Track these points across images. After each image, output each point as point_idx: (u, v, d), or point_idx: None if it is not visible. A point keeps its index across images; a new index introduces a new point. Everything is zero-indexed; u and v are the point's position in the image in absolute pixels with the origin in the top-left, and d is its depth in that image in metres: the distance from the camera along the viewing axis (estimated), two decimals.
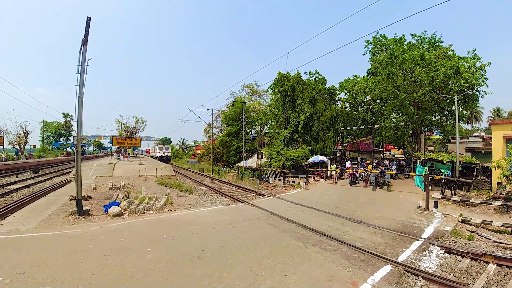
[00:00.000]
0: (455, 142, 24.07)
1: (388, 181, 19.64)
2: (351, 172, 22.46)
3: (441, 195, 14.65)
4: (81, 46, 12.28)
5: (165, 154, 65.19)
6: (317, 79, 35.06)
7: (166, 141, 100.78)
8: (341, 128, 35.21)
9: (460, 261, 7.50)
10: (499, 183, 15.93)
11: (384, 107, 31.04)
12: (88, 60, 12.53)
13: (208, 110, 42.28)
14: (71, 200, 14.27)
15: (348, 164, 26.81)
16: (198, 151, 71.80)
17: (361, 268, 6.61)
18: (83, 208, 12.18)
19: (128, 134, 51.61)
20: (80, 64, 12.32)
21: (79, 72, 12.32)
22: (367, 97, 33.82)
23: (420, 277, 6.24)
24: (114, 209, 12.10)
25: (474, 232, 10.44)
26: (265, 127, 46.81)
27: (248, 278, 6.00)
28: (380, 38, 29.20)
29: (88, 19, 12.10)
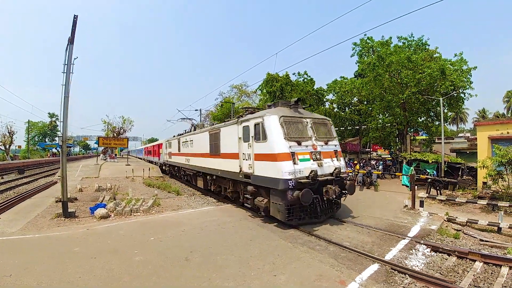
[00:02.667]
0: (440, 143, 24.54)
1: (375, 181, 19.91)
2: None
3: (427, 194, 14.87)
4: (68, 44, 12.08)
5: None
6: (305, 80, 35.20)
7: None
8: None
9: (446, 259, 7.63)
10: (484, 183, 16.29)
11: (371, 108, 31.45)
12: (75, 59, 12.29)
13: (197, 110, 42.03)
14: (56, 202, 14.00)
15: None
16: None
17: (349, 267, 6.67)
18: (69, 210, 11.97)
19: (115, 134, 51.05)
20: (66, 63, 12.12)
21: (65, 71, 12.12)
22: (355, 98, 34.22)
23: (407, 275, 6.33)
24: (101, 211, 11.92)
25: (460, 230, 10.64)
26: None
27: (237, 279, 5.99)
28: (368, 41, 29.60)
29: (75, 17, 11.91)
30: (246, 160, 11.54)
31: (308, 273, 6.29)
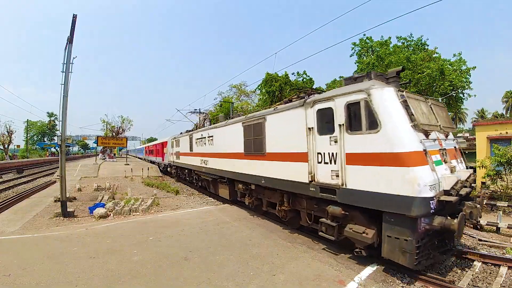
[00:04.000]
0: None
1: None
2: None
3: None
4: (67, 43, 12.09)
5: None
6: (304, 80, 35.20)
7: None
8: None
9: (445, 259, 7.63)
10: (483, 183, 16.31)
11: None
12: (74, 58, 12.34)
13: (196, 110, 41.99)
14: (55, 201, 14.01)
15: None
16: None
17: (348, 267, 6.67)
18: (68, 210, 11.98)
19: (114, 134, 51.07)
20: (65, 62, 12.12)
21: (64, 70, 12.12)
22: None
23: (405, 274, 6.34)
24: (100, 211, 11.93)
25: None
26: None
27: (236, 279, 5.99)
28: (367, 41, 29.61)
29: (74, 17, 11.92)
30: (327, 163, 7.34)
31: (307, 273, 6.29)
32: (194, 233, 9.43)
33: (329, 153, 7.27)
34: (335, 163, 7.08)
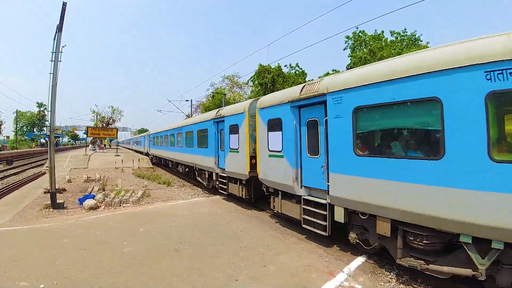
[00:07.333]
0: None
1: None
2: None
3: None
4: (56, 32, 11.87)
5: None
6: (297, 72, 35.21)
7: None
8: None
9: None
10: None
11: None
12: (63, 47, 12.13)
13: (188, 101, 41.76)
14: (45, 193, 13.88)
15: None
16: None
17: (338, 258, 6.77)
18: (58, 201, 11.88)
19: (104, 124, 50.61)
20: (54, 51, 11.91)
21: (53, 59, 11.91)
22: None
23: (394, 266, 6.43)
24: (90, 202, 11.86)
25: None
26: None
27: (227, 270, 6.03)
28: (360, 34, 29.64)
29: (64, 4, 11.68)
30: None
31: (297, 264, 6.37)
32: (185, 224, 9.45)
33: None
34: None
